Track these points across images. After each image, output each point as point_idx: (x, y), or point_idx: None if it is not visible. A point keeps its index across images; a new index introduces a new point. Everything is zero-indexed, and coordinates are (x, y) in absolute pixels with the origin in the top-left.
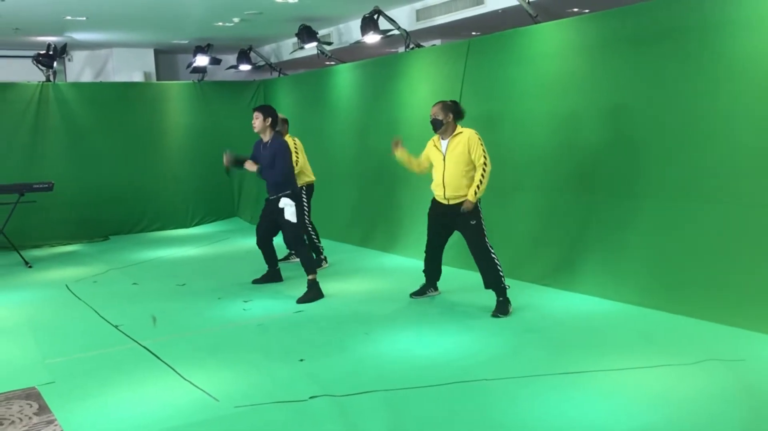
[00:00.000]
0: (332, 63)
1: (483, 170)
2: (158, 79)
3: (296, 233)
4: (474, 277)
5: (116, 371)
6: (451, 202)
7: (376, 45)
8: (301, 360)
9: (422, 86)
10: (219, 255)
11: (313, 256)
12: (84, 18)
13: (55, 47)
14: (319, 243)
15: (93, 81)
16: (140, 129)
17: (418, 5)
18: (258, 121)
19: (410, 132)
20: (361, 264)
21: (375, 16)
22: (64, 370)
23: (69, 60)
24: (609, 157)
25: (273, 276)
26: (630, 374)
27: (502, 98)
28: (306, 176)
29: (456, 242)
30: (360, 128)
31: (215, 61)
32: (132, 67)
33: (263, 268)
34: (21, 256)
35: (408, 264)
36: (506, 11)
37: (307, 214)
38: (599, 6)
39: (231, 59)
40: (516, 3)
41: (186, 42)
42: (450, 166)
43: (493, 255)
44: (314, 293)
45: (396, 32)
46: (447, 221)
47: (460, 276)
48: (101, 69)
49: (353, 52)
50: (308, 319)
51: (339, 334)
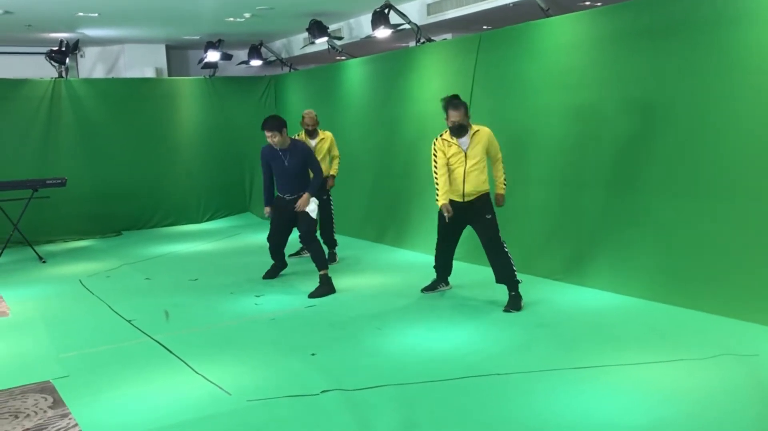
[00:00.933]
0: (343, 58)
1: (502, 163)
2: (170, 75)
3: (311, 228)
4: (485, 272)
5: (129, 365)
6: (467, 199)
7: (387, 39)
8: (313, 354)
9: (433, 81)
10: (231, 250)
11: (325, 251)
12: (96, 14)
13: (68, 43)
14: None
15: (105, 77)
16: (152, 124)
17: None
18: (276, 139)
19: (420, 126)
20: (373, 259)
21: (386, 11)
22: (78, 364)
23: (81, 56)
24: (621, 152)
25: (280, 266)
26: (643, 369)
27: (513, 92)
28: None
29: (467, 238)
30: (371, 123)
31: (226, 57)
32: (144, 63)
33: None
34: (35, 251)
35: (419, 259)
36: (517, 5)
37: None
38: None
39: (242, 55)
40: None
41: (197, 37)
42: (471, 163)
43: (507, 249)
44: (326, 288)
45: (407, 26)
46: (461, 216)
47: (471, 271)
48: (113, 65)
49: (364, 47)
50: (320, 314)
51: (351, 329)
